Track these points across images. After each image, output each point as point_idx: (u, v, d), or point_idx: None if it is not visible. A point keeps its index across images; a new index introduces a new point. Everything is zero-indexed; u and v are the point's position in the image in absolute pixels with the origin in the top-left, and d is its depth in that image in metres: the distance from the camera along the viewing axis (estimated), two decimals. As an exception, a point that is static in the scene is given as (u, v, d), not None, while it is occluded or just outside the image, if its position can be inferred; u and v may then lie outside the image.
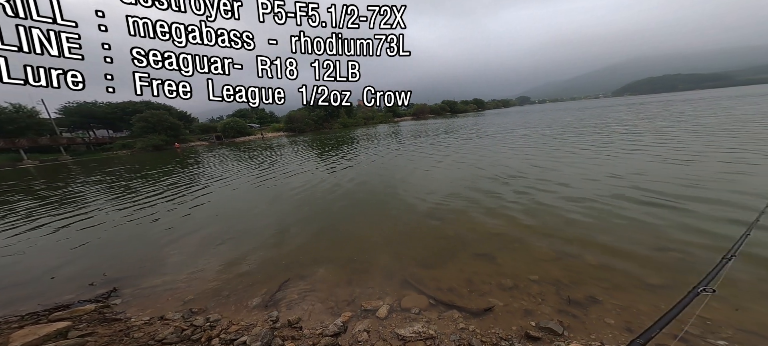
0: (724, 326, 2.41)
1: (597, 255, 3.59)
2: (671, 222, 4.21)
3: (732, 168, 6.40)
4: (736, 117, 14.96)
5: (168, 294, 3.80)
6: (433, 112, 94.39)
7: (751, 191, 4.98)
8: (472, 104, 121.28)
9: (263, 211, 6.98)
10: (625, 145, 10.40)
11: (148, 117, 43.80)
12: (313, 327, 2.75)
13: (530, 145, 12.73)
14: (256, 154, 21.65)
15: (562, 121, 23.63)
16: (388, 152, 15.61)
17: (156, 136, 43.32)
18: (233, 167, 15.35)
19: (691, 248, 3.53)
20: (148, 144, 42.08)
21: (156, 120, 44.09)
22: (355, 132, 40.94)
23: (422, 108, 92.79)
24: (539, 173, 7.84)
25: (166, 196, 9.67)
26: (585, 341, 2.19)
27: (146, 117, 43.76)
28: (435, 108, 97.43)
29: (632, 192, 5.55)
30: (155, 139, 42.78)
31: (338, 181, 9.48)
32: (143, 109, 47.05)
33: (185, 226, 6.41)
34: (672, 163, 7.36)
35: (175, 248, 5.21)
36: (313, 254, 4.34)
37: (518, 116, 41.60)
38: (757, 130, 10.65)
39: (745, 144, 8.52)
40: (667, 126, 14.38)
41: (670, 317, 1.26)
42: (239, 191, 9.47)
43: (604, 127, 16.66)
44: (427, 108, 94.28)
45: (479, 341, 2.28)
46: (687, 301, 1.34)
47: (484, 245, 4.13)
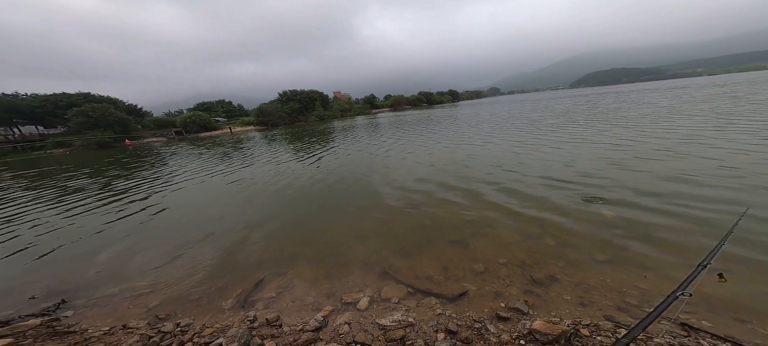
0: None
1: (555, 236, 3.97)
2: (606, 202, 4.75)
3: (648, 156, 7.36)
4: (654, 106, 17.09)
5: (129, 302, 3.53)
6: (410, 103, 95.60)
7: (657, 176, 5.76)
8: (448, 95, 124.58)
9: (232, 209, 6.65)
10: (575, 136, 11.38)
11: (88, 111, 38.30)
12: (293, 324, 2.73)
13: (499, 135, 13.45)
14: (223, 151, 20.31)
15: (527, 111, 25.11)
16: (365, 144, 15.56)
17: (100, 133, 38.07)
18: (197, 165, 14.32)
19: (624, 225, 4.02)
20: (91, 141, 36.97)
21: (99, 114, 38.73)
22: (331, 125, 39.96)
23: (399, 99, 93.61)
24: (506, 160, 8.35)
25: (119, 198, 8.81)
26: (547, 318, 2.43)
27: (86, 111, 38.22)
28: (412, 99, 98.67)
29: (579, 178, 6.15)
30: (100, 136, 37.68)
31: (314, 175, 9.28)
32: (81, 102, 41.29)
33: (145, 229, 5.92)
34: (611, 149, 8.28)
35: (134, 253, 4.81)
36: (289, 251, 4.25)
37: (490, 107, 43.58)
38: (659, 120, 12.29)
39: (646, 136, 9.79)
40: (602, 119, 15.96)
41: (652, 318, 1.37)
42: (205, 190, 8.90)
43: (563, 116, 18.08)
44: (404, 99, 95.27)
45: (455, 324, 2.44)
46: (666, 304, 1.46)
47: (458, 232, 4.36)
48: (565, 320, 2.40)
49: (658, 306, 1.44)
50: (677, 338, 2.19)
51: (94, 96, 46.88)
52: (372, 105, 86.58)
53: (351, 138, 19.55)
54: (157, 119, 56.04)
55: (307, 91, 65.55)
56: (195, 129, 49.37)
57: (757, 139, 7.83)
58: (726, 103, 16.46)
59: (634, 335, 1.28)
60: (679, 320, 2.40)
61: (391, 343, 2.34)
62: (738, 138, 8.16)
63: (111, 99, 45.88)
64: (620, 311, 2.56)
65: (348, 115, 66.68)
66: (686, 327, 2.34)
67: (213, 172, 11.73)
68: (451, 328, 2.41)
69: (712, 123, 10.91)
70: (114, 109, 40.99)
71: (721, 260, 2.96)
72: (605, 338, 2.12)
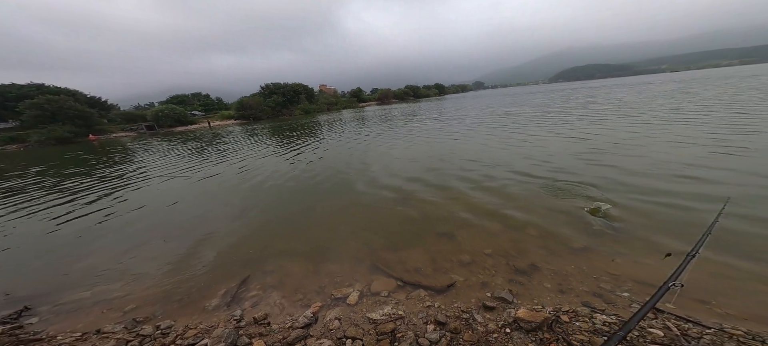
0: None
1: (536, 226, 4.15)
2: (580, 193, 5.03)
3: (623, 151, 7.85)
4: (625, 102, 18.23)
5: (101, 306, 3.33)
6: (397, 96, 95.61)
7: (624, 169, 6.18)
8: (434, 89, 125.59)
9: (213, 207, 6.39)
10: (551, 130, 11.87)
11: (43, 103, 34.78)
12: (282, 321, 2.69)
13: (481, 129, 13.78)
14: (201, 146, 19.35)
15: (507, 105, 25.82)
16: (352, 139, 15.40)
17: (59, 127, 34.67)
18: (172, 161, 13.61)
19: (597, 214, 4.27)
20: (49, 137, 33.60)
21: (55, 107, 35.29)
22: (317, 118, 39.01)
23: (386, 93, 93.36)
24: (489, 153, 8.58)
25: (83, 196, 8.22)
26: (530, 306, 2.55)
27: (40, 103, 34.70)
28: (399, 93, 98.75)
29: (555, 170, 6.44)
30: (58, 131, 34.28)
31: (299, 170, 9.09)
32: (34, 93, 37.43)
33: (115, 230, 5.57)
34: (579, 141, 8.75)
35: (105, 256, 4.53)
36: (275, 248, 4.16)
37: (474, 101, 44.48)
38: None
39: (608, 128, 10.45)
40: (569, 114, 16.78)
41: (646, 310, 1.39)
42: (181, 187, 8.49)
43: (543, 111, 18.79)
44: (391, 93, 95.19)
45: (444, 316, 2.50)
46: (659, 295, 1.47)
47: (446, 224, 4.45)
48: (547, 308, 2.53)
49: (652, 298, 1.46)
50: (647, 320, 2.37)
51: (49, 87, 42.56)
52: (359, 99, 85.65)
53: (338, 132, 19.27)
54: (125, 113, 52.20)
55: (291, 84, 63.44)
56: (168, 123, 46.38)
57: (702, 133, 8.50)
58: (677, 99, 17.82)
59: (630, 328, 1.29)
60: (667, 310, 2.60)
61: (382, 336, 2.37)
62: (684, 133, 8.84)
63: (69, 90, 41.74)
64: (595, 297, 2.73)
65: (334, 109, 65.43)
66: (655, 309, 2.53)
67: (190, 168, 11.20)
68: (440, 319, 2.47)
69: (665, 118, 11.77)
70: (73, 102, 37.43)
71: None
72: (583, 323, 2.26)
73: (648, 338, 2.02)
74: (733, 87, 22.97)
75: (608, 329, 2.17)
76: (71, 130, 35.54)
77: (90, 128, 38.45)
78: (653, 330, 2.12)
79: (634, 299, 2.67)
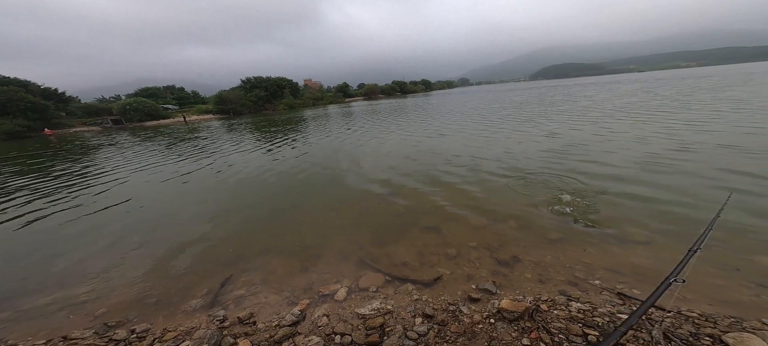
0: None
1: (517, 218, 4.32)
2: (555, 186, 5.30)
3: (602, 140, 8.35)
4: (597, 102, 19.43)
5: (67, 312, 3.11)
6: (384, 92, 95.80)
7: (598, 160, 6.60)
8: (421, 85, 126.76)
9: (190, 205, 6.11)
10: (532, 126, 12.36)
11: None
12: (268, 320, 2.64)
13: (465, 125, 14.10)
14: (176, 142, 18.25)
15: (488, 102, 26.50)
16: (338, 134, 15.20)
17: (9, 121, 31.28)
18: (144, 158, 12.81)
19: (572, 206, 4.53)
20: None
21: (4, 99, 31.88)
22: (302, 113, 37.97)
23: (373, 88, 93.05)
24: (471, 149, 8.80)
25: (42, 196, 7.55)
26: (512, 297, 2.66)
27: None
28: (386, 88, 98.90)
29: (531, 167, 6.74)
30: (8, 125, 30.92)
31: (283, 166, 8.86)
32: None
33: (81, 233, 5.17)
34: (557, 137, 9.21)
35: (69, 260, 4.21)
36: (259, 246, 4.05)
37: (458, 97, 45.22)
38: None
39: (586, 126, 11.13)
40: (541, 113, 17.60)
41: (647, 306, 1.38)
42: (155, 186, 8.02)
43: (521, 109, 19.49)
44: (378, 88, 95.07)
45: (432, 308, 2.56)
46: (660, 291, 1.46)
47: (432, 218, 4.52)
48: (528, 298, 2.65)
49: (653, 293, 1.44)
50: (615, 306, 2.55)
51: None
52: (345, 93, 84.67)
53: (323, 127, 18.93)
54: (87, 106, 47.88)
55: (274, 78, 61.27)
56: (138, 117, 43.26)
57: (662, 127, 9.21)
58: (640, 97, 19.15)
59: (631, 323, 1.27)
60: (616, 291, 2.79)
61: (371, 331, 2.38)
62: (646, 128, 9.53)
63: (20, 81, 37.63)
64: (571, 286, 2.90)
65: (320, 104, 64.07)
66: (622, 296, 2.73)
67: (163, 164, 10.59)
68: (428, 312, 2.53)
69: (631, 116, 12.62)
70: (24, 93, 33.90)
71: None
72: (560, 311, 2.40)
73: (617, 323, 2.18)
74: (689, 87, 25.02)
75: (583, 317, 2.31)
76: (23, 124, 32.17)
77: (46, 122, 35.10)
78: (622, 316, 2.28)
79: (604, 285, 2.86)
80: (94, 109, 46.48)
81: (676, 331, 2.09)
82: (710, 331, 2.01)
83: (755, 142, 7.05)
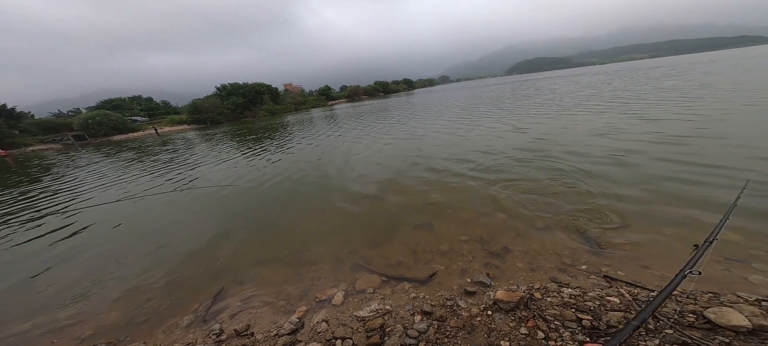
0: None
1: (504, 210, 4.44)
2: (537, 176, 5.50)
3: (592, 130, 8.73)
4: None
5: (50, 336, 2.96)
6: (367, 93, 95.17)
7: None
8: (402, 84, 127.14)
9: (174, 220, 5.85)
10: (511, 120, 12.69)
11: None
12: (266, 330, 2.60)
13: (446, 121, 14.38)
14: (149, 156, 17.30)
15: (466, 98, 26.94)
16: (321, 138, 14.99)
17: None
18: (115, 175, 12.14)
19: (557, 197, 4.71)
20: None
21: None
22: (284, 119, 36.95)
23: (356, 90, 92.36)
24: (453, 144, 9.01)
25: (16, 219, 7.07)
26: (507, 287, 2.75)
27: None
28: (369, 89, 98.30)
29: (510, 158, 6.95)
30: None
31: (267, 174, 8.63)
32: None
33: (57, 256, 4.87)
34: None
35: (46, 284, 3.98)
36: (250, 256, 3.97)
37: (440, 94, 45.69)
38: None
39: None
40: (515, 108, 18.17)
41: (661, 299, 1.34)
42: (131, 204, 7.58)
43: (496, 104, 19.96)
44: (361, 90, 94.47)
45: (430, 305, 2.60)
46: (675, 284, 1.41)
47: (422, 216, 4.57)
48: (521, 287, 2.74)
49: (667, 286, 1.40)
50: (603, 289, 2.68)
51: None
52: (328, 96, 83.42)
53: (306, 132, 18.60)
54: (42, 122, 44.03)
55: (251, 84, 59.35)
56: (103, 131, 40.54)
57: (625, 115, 9.71)
58: (603, 88, 20.07)
59: (644, 318, 1.24)
60: (602, 274, 2.94)
61: (371, 333, 2.40)
62: (606, 117, 10.02)
63: None
64: (560, 272, 3.02)
65: (303, 109, 62.62)
66: (607, 278, 2.88)
67: (136, 181, 10.06)
68: (426, 309, 2.57)
69: (590, 107, 13.25)
70: None
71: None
72: (554, 298, 2.50)
73: (607, 306, 2.30)
74: (644, 76, 26.66)
75: (575, 302, 2.42)
76: None
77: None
78: (611, 299, 2.40)
79: (591, 270, 3.00)
80: (50, 124, 42.80)
81: (662, 310, 2.21)
82: (692, 308, 2.15)
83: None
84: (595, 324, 2.18)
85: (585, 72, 66.61)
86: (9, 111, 39.93)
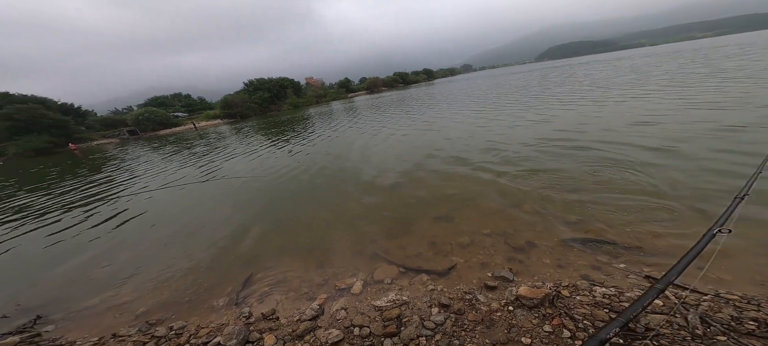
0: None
1: (531, 202, 4.20)
2: (569, 169, 5.05)
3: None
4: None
5: (114, 311, 3.40)
6: (386, 84, 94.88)
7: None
8: (423, 75, 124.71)
9: (209, 208, 6.34)
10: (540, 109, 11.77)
11: (13, 113, 32.48)
12: (289, 315, 2.77)
13: (467, 111, 13.86)
14: (189, 148, 18.77)
15: (493, 88, 25.41)
16: (343, 129, 15.26)
17: (35, 138, 32.62)
18: (162, 165, 13.36)
19: (592, 191, 4.31)
20: (27, 148, 31.66)
21: (27, 116, 33.08)
22: (306, 112, 38.16)
23: (375, 81, 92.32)
24: (475, 135, 8.69)
25: (80, 206, 8.15)
26: (530, 283, 2.62)
27: (10, 114, 32.37)
28: (388, 80, 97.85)
29: (538, 150, 6.44)
30: (35, 142, 32.26)
31: (292, 165, 9.02)
32: (1, 103, 34.62)
33: (117, 236, 5.56)
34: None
35: (109, 261, 4.56)
36: (276, 245, 4.20)
37: (462, 84, 43.92)
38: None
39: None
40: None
41: (688, 260, 1.22)
42: (176, 191, 8.38)
43: (524, 92, 18.57)
44: (380, 81, 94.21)
45: (447, 298, 2.58)
46: (704, 243, 1.31)
47: (442, 207, 4.49)
48: (547, 284, 2.60)
49: (695, 246, 1.29)
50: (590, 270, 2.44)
51: (15, 96, 39.14)
52: (347, 89, 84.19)
53: (327, 124, 19.02)
54: (103, 119, 49.70)
55: (276, 78, 61.69)
56: (151, 126, 44.89)
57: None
58: (650, 71, 17.63)
59: (670, 280, 1.15)
60: (644, 274, 2.66)
61: (388, 322, 2.44)
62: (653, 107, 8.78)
63: (37, 98, 38.88)
64: (593, 270, 2.80)
65: (323, 101, 64.05)
66: (651, 279, 2.61)
67: (180, 171, 11.04)
68: (444, 302, 2.54)
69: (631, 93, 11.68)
70: (44, 110, 35.16)
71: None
72: (584, 296, 2.33)
73: (647, 308, 2.09)
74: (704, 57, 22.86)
75: (608, 302, 2.24)
76: (49, 140, 33.62)
77: (69, 137, 36.61)
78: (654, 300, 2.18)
79: (630, 269, 2.74)
80: (110, 121, 48.24)
81: (715, 315, 1.97)
82: (754, 314, 1.88)
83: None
84: (631, 326, 2.00)
85: (631, 54, 59.54)
86: (76, 110, 45.88)
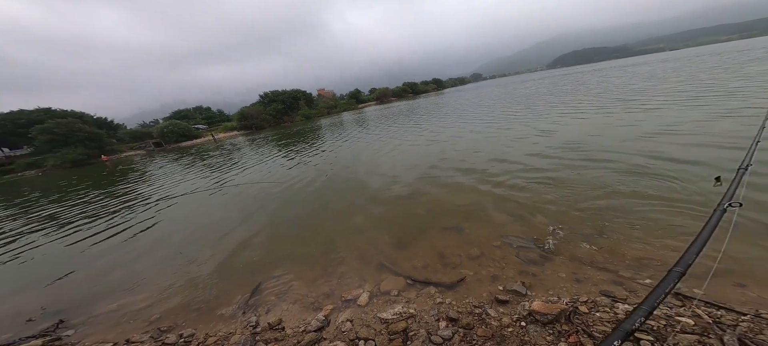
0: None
1: (545, 213, 4.03)
2: (586, 179, 4.82)
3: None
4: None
5: (129, 317, 3.50)
6: (395, 94, 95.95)
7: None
8: (432, 84, 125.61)
9: (222, 217, 6.49)
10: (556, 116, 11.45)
11: (53, 127, 35.25)
12: (295, 326, 2.74)
13: (475, 122, 13.72)
14: (206, 159, 19.55)
15: (501, 98, 25.04)
16: (352, 140, 15.46)
17: (72, 151, 35.26)
18: (180, 175, 13.94)
19: (611, 202, 4.07)
20: (64, 160, 34.15)
21: (66, 130, 35.87)
22: (318, 123, 39.19)
23: (385, 92, 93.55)
24: (484, 145, 8.58)
25: (104, 216, 8.57)
26: (545, 298, 2.48)
27: (51, 128, 35.19)
28: (397, 91, 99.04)
29: (555, 159, 6.22)
30: (71, 154, 34.87)
31: (301, 175, 9.17)
32: (43, 118, 37.92)
33: (134, 245, 5.76)
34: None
35: (126, 269, 4.72)
36: (284, 254, 4.23)
37: (470, 93, 43.92)
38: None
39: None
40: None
41: (703, 240, 1.16)
42: (192, 201, 8.65)
43: (532, 100, 18.17)
44: (390, 92, 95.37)
45: (456, 312, 2.47)
46: (715, 221, 1.24)
47: (451, 218, 4.39)
48: (563, 299, 2.45)
49: (706, 225, 1.21)
50: (673, 308, 2.25)
51: (56, 111, 42.91)
52: (357, 100, 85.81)
53: (338, 135, 19.36)
54: (132, 131, 53.13)
55: (289, 91, 64.10)
56: (174, 139, 47.22)
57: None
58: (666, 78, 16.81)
59: (688, 263, 1.09)
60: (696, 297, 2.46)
61: (394, 336, 2.37)
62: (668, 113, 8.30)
63: (76, 113, 42.34)
64: (615, 285, 2.62)
65: (334, 112, 65.62)
66: (680, 296, 2.40)
67: (198, 181, 11.47)
68: (452, 315, 2.45)
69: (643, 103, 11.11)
70: (81, 123, 38.02)
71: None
72: (604, 313, 2.18)
73: (677, 328, 1.92)
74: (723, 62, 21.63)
75: (628, 319, 2.07)
76: (83, 152, 36.14)
77: (101, 149, 39.09)
78: (682, 319, 2.00)
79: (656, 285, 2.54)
80: (138, 134, 51.26)
81: (756, 337, 1.78)
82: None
83: None
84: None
85: (648, 60, 57.58)
86: (109, 123, 49.34)
